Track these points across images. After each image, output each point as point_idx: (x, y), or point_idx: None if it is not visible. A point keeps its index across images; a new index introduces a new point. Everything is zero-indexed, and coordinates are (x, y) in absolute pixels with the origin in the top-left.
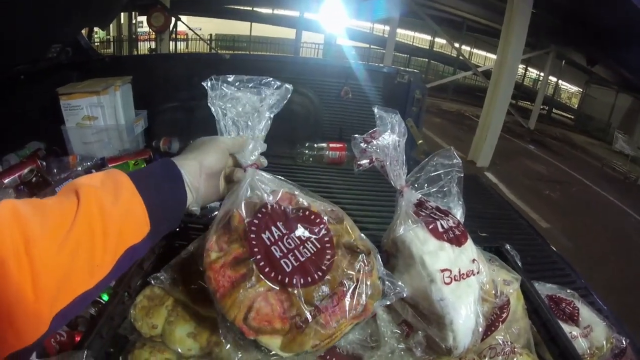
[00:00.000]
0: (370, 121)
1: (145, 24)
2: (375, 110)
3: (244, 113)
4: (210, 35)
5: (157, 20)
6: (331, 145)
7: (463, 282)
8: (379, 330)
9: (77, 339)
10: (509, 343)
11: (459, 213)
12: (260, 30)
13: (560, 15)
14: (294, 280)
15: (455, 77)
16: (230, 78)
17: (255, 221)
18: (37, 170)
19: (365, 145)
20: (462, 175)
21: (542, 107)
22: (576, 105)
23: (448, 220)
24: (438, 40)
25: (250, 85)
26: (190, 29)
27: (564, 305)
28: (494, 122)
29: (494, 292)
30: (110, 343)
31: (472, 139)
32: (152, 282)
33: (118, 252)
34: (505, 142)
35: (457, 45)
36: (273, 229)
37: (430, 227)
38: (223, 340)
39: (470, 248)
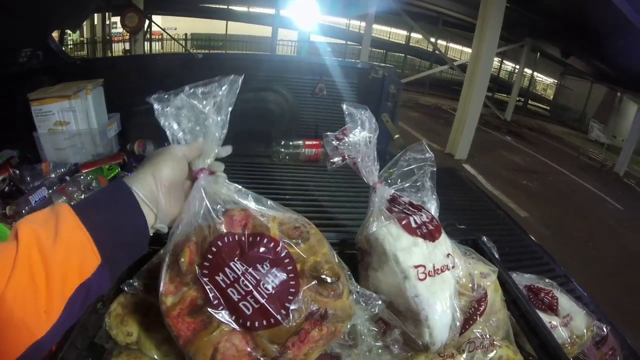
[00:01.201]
0: (342, 116)
1: (119, 24)
2: (344, 107)
3: (194, 121)
4: (185, 34)
5: (131, 20)
6: (307, 142)
7: (438, 277)
8: (355, 329)
9: (53, 349)
10: (488, 336)
11: (433, 207)
12: (237, 28)
13: (534, 9)
14: (256, 324)
15: (431, 72)
16: (176, 91)
17: (207, 263)
18: (9, 179)
19: (337, 142)
20: (435, 169)
21: (518, 98)
22: (552, 97)
23: (421, 215)
24: (414, 35)
25: (198, 92)
26: (162, 29)
27: (543, 295)
28: (470, 115)
29: (470, 285)
30: (85, 353)
31: (450, 132)
32: (125, 289)
33: (66, 293)
34: (482, 134)
35: (433, 40)
36: (227, 270)
37: (403, 222)
38: None
39: (444, 242)
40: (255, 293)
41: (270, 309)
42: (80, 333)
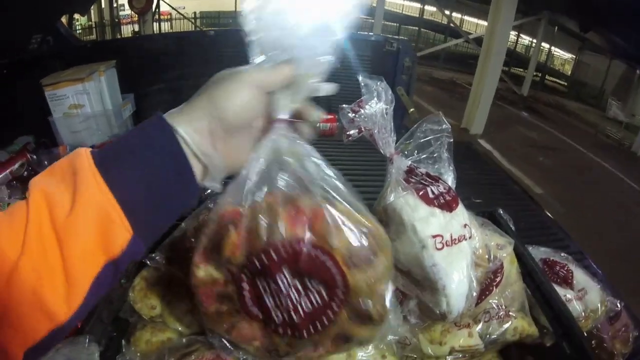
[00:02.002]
0: (359, 91)
1: (127, 6)
2: (360, 78)
3: (293, 29)
4: (194, 13)
5: (139, 1)
6: (322, 117)
7: (455, 247)
8: None
9: (79, 325)
10: (504, 307)
11: (450, 179)
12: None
13: None
14: (280, 330)
15: (446, 45)
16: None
17: (252, 267)
18: (27, 164)
19: (353, 115)
20: (452, 140)
21: (535, 73)
22: (569, 72)
23: (439, 186)
24: (428, 8)
25: None
26: (172, 8)
27: (558, 269)
28: (486, 90)
29: (487, 256)
30: (111, 327)
31: (465, 106)
32: (148, 262)
33: (89, 274)
34: (498, 109)
35: (447, 12)
36: (271, 279)
37: (420, 193)
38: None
39: (461, 213)
40: (291, 308)
41: (300, 326)
42: (106, 307)
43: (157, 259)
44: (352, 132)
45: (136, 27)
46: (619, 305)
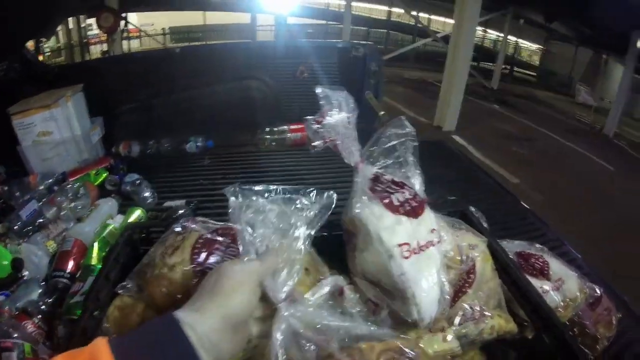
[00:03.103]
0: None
1: (95, 26)
2: (319, 90)
3: (276, 230)
4: (163, 29)
5: (107, 20)
6: (291, 127)
7: (423, 254)
8: (346, 311)
9: None
10: (478, 307)
11: (417, 182)
12: (215, 18)
13: None
14: None
15: (415, 45)
16: (258, 187)
17: None
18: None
19: (317, 126)
20: (417, 143)
21: (504, 66)
22: (538, 63)
23: (404, 192)
24: (395, 10)
25: (282, 197)
26: (134, 26)
27: (533, 261)
28: (456, 86)
29: (459, 258)
30: None
31: (437, 104)
32: (120, 291)
33: None
34: (470, 104)
35: (414, 13)
36: None
37: (385, 201)
38: None
39: (428, 218)
40: None
41: None
42: (80, 340)
43: (129, 286)
44: (317, 143)
45: (105, 47)
46: (598, 291)
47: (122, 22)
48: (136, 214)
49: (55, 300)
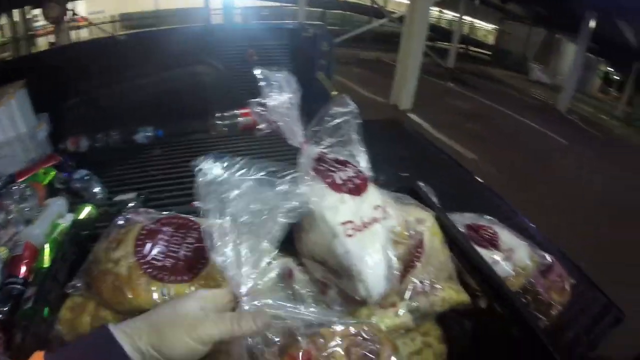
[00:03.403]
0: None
1: (41, 17)
2: (259, 71)
3: (248, 213)
4: (112, 17)
5: (53, 10)
6: (242, 111)
7: (366, 230)
8: (295, 292)
9: None
10: (428, 280)
11: (362, 160)
12: (167, 2)
13: None
14: None
15: (370, 26)
16: (228, 161)
17: None
18: None
19: (260, 108)
20: (360, 121)
21: (459, 46)
22: (493, 42)
23: (347, 170)
24: None
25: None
26: (78, 16)
27: (483, 232)
28: (411, 65)
29: (407, 233)
30: None
31: (393, 84)
32: (69, 291)
33: None
34: (426, 83)
35: None
36: None
37: (328, 181)
38: None
39: (372, 195)
40: None
41: None
42: (34, 347)
43: (78, 285)
44: (262, 126)
45: (52, 39)
46: (549, 259)
47: (70, 12)
48: (86, 211)
49: (11, 307)
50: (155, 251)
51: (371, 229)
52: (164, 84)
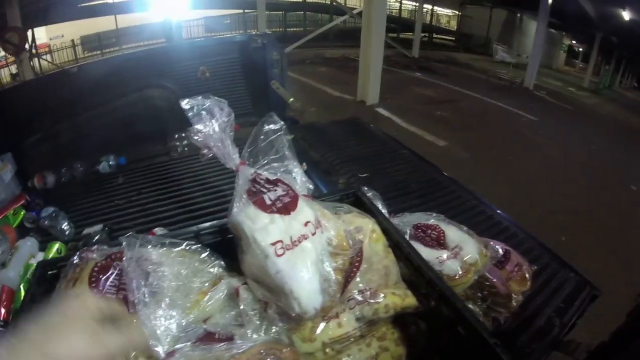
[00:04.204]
0: (233, 94)
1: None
2: (184, 102)
3: (172, 282)
4: (73, 40)
5: (12, 40)
6: None
7: (297, 248)
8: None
9: None
10: (369, 289)
11: (298, 175)
12: (127, 20)
13: None
14: None
15: (333, 24)
16: (154, 239)
17: None
18: None
19: (197, 136)
20: (291, 137)
21: (422, 35)
22: (455, 27)
23: (276, 190)
24: None
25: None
26: (31, 46)
27: (430, 231)
28: (374, 59)
29: (345, 243)
30: None
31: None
32: None
33: None
34: (392, 75)
35: None
36: None
37: (257, 202)
38: None
39: (302, 212)
40: None
41: None
42: None
43: None
44: (204, 151)
45: (14, 69)
46: (500, 251)
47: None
48: (55, 249)
49: None
50: (108, 285)
51: (301, 247)
52: (120, 110)
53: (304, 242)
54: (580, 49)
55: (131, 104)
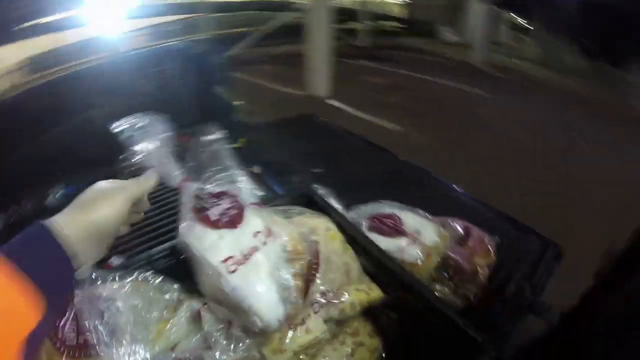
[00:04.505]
0: (178, 104)
1: None
2: (113, 126)
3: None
4: (20, 63)
5: None
6: None
7: (248, 262)
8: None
9: None
10: (332, 288)
11: (244, 183)
12: (75, 33)
13: None
14: None
15: (277, 21)
16: (102, 274)
17: None
18: None
19: (137, 157)
20: (229, 146)
21: (369, 23)
22: (401, 13)
23: (220, 203)
24: None
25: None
26: None
27: (387, 220)
28: (320, 52)
29: (300, 247)
30: None
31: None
32: None
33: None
34: (342, 66)
35: None
36: None
37: (202, 220)
38: None
39: (250, 222)
40: None
41: None
42: None
43: None
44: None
45: None
46: (459, 229)
47: None
48: None
49: None
50: (66, 334)
51: (252, 260)
52: (64, 136)
53: (256, 255)
54: (524, 22)
55: (73, 129)
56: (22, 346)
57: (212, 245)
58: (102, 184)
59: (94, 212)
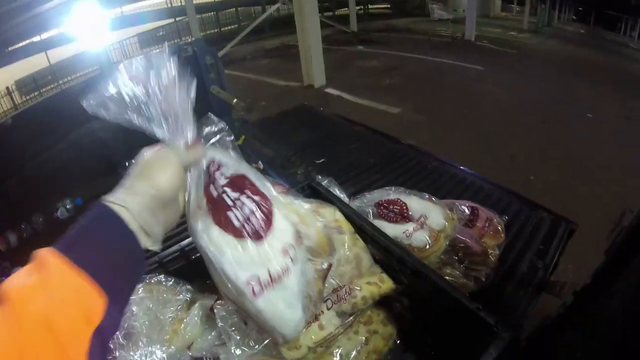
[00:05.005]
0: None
1: None
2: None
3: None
4: (8, 88)
5: None
6: None
7: (277, 286)
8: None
9: None
10: (345, 284)
11: (252, 175)
12: (58, 53)
13: None
14: None
15: (265, 15)
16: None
17: None
18: None
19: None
20: (233, 137)
21: (357, 8)
22: None
23: (245, 203)
24: None
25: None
26: None
27: (392, 207)
28: (312, 41)
29: (328, 247)
30: None
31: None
32: None
33: (82, 348)
34: (335, 54)
35: None
36: None
37: (222, 223)
38: None
39: (279, 232)
40: None
41: None
42: None
43: None
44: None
45: None
46: (466, 210)
47: None
48: None
49: None
50: None
51: (282, 284)
52: (66, 151)
53: (286, 280)
54: None
55: (76, 142)
56: (93, 336)
57: (233, 260)
58: (151, 152)
59: (153, 181)
